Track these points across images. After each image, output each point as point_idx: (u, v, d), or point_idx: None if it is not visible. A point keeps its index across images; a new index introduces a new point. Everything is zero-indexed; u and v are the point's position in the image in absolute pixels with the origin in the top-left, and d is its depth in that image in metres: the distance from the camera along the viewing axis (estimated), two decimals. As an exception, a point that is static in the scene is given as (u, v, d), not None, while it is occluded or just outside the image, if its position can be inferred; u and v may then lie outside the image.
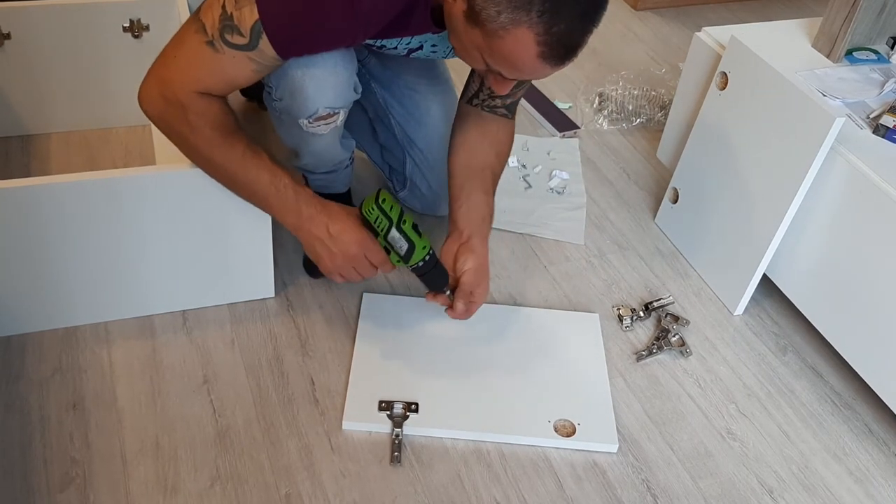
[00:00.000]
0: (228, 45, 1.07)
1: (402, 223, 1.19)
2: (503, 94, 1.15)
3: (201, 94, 1.11)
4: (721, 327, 1.51)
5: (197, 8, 1.10)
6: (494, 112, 1.37)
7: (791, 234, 1.41)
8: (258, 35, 1.06)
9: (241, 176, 1.17)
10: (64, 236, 1.23)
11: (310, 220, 1.19)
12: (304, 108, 1.24)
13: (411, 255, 1.20)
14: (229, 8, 1.05)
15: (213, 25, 1.07)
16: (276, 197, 1.18)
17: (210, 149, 1.14)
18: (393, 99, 1.52)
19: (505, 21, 0.96)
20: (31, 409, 1.23)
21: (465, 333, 1.40)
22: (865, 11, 1.43)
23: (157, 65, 1.12)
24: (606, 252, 1.65)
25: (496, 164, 1.38)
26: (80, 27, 1.62)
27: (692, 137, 1.58)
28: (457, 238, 1.30)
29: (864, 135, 1.35)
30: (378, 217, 1.18)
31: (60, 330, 1.34)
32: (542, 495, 1.20)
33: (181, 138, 1.14)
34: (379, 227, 1.19)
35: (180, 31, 1.11)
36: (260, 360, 1.34)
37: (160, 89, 1.11)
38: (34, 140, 1.74)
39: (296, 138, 1.35)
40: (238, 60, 1.08)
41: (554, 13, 0.94)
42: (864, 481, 1.28)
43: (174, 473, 1.17)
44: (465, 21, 1.00)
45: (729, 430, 1.33)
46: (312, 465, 1.20)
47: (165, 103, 1.11)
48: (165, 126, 1.14)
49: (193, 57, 1.09)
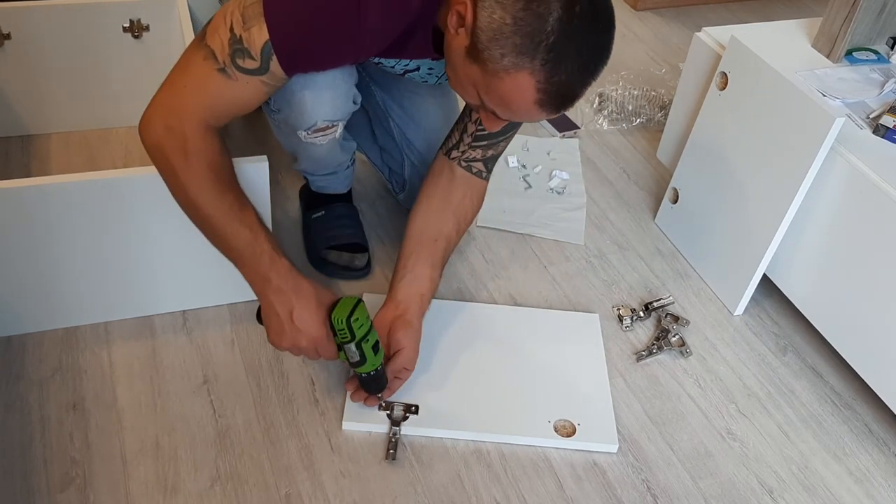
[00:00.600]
0: (241, 70, 1.04)
1: (364, 342, 1.15)
2: (493, 131, 1.13)
3: (206, 129, 1.07)
4: (721, 327, 1.51)
5: (201, 31, 1.07)
6: (470, 169, 1.33)
7: (791, 235, 1.41)
8: (268, 57, 1.03)
9: (221, 226, 1.10)
10: (64, 236, 1.23)
11: (276, 293, 1.12)
12: (303, 121, 1.23)
13: (359, 366, 1.18)
14: (237, 30, 1.03)
15: (224, 51, 1.03)
16: (251, 258, 1.11)
17: (199, 189, 1.08)
18: (392, 101, 1.52)
19: (507, 64, 0.95)
20: (31, 409, 1.23)
21: (466, 334, 1.40)
22: (865, 11, 1.43)
23: (163, 93, 1.07)
24: (606, 252, 1.65)
25: (453, 235, 1.34)
26: (81, 27, 1.62)
27: (692, 138, 1.58)
28: (392, 308, 1.27)
29: (864, 135, 1.35)
30: (343, 329, 1.13)
31: (60, 330, 1.34)
32: (542, 495, 1.20)
33: (172, 172, 1.08)
34: (340, 336, 1.14)
35: (186, 59, 1.07)
36: (260, 361, 1.34)
37: (165, 118, 1.06)
38: (34, 140, 1.74)
39: (294, 146, 1.35)
40: (251, 85, 1.06)
41: (556, 63, 0.94)
42: (864, 481, 1.28)
43: (174, 473, 1.17)
44: (466, 56, 0.99)
45: (729, 430, 1.33)
46: (312, 466, 1.20)
47: (166, 132, 1.06)
48: (160, 156, 1.08)
49: (204, 85, 1.05)
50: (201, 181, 1.08)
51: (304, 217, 1.58)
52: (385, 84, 1.50)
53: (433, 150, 1.52)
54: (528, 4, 0.92)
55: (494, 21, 0.94)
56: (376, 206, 1.68)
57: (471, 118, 1.31)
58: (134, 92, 1.74)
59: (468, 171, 1.34)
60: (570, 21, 0.92)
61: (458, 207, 1.35)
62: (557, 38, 0.92)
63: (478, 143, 1.32)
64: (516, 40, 0.93)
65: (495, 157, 1.35)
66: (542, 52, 0.93)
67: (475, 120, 1.30)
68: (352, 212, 1.57)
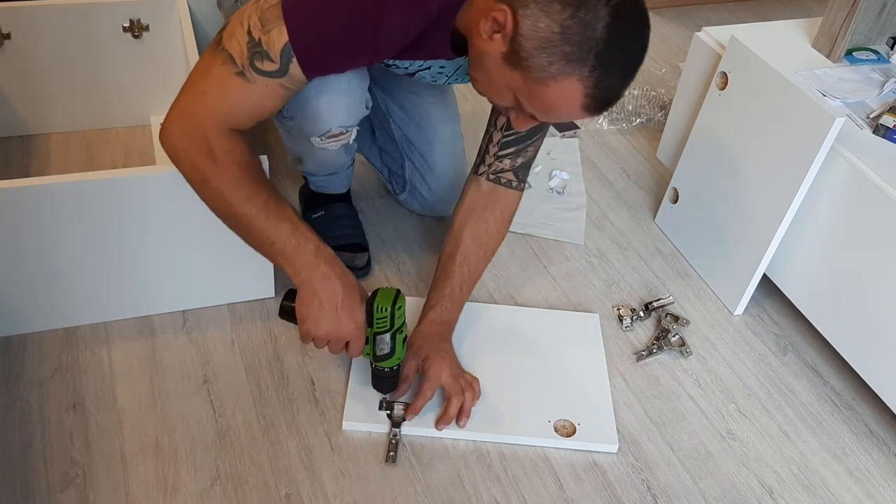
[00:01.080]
0: (260, 72, 1.03)
1: (399, 332, 1.17)
2: (522, 129, 1.13)
3: (230, 132, 1.06)
4: (721, 327, 1.51)
5: (216, 37, 1.06)
6: (499, 180, 1.32)
7: (791, 235, 1.41)
8: (288, 59, 1.02)
9: (259, 223, 1.09)
10: (64, 236, 1.23)
11: (324, 279, 1.12)
12: (317, 128, 1.23)
13: (384, 360, 1.18)
14: (256, 34, 1.02)
15: (242, 54, 1.02)
16: (295, 249, 1.11)
17: (233, 189, 1.07)
18: (394, 103, 1.52)
19: (555, 72, 0.94)
20: (31, 409, 1.23)
21: (466, 334, 1.39)
22: (865, 11, 1.43)
23: (182, 100, 1.06)
24: (606, 252, 1.65)
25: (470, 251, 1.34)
26: (80, 27, 1.62)
27: (692, 137, 1.58)
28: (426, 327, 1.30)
29: (865, 135, 1.35)
30: (384, 318, 1.15)
31: (60, 330, 1.34)
32: (542, 495, 1.20)
33: (203, 179, 1.07)
34: (379, 325, 1.15)
35: (204, 64, 1.06)
36: (260, 361, 1.34)
37: (185, 126, 1.05)
38: (34, 140, 1.74)
39: (303, 150, 1.34)
40: (270, 88, 1.05)
41: (605, 68, 0.94)
42: (864, 481, 1.28)
43: (174, 473, 1.17)
44: (503, 61, 0.98)
45: (729, 430, 1.33)
46: (312, 466, 1.20)
47: (189, 141, 1.05)
48: (187, 164, 1.07)
49: (224, 90, 1.04)
50: (234, 181, 1.07)
51: (303, 217, 1.58)
52: (386, 86, 1.50)
53: (435, 151, 1.53)
54: (575, 12, 0.91)
55: (540, 30, 0.93)
56: (376, 205, 1.68)
57: (496, 127, 1.30)
58: (134, 92, 1.75)
59: (496, 182, 1.33)
60: (616, 27, 0.92)
61: (479, 224, 1.34)
62: (606, 45, 0.92)
63: (505, 152, 1.31)
64: (565, 49, 0.92)
65: (526, 166, 1.34)
66: (591, 59, 0.93)
67: (500, 127, 1.29)
68: (351, 212, 1.58)
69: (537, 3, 0.92)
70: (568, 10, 0.91)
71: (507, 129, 1.29)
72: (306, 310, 1.14)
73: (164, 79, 1.73)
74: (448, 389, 1.25)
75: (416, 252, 1.59)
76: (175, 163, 1.08)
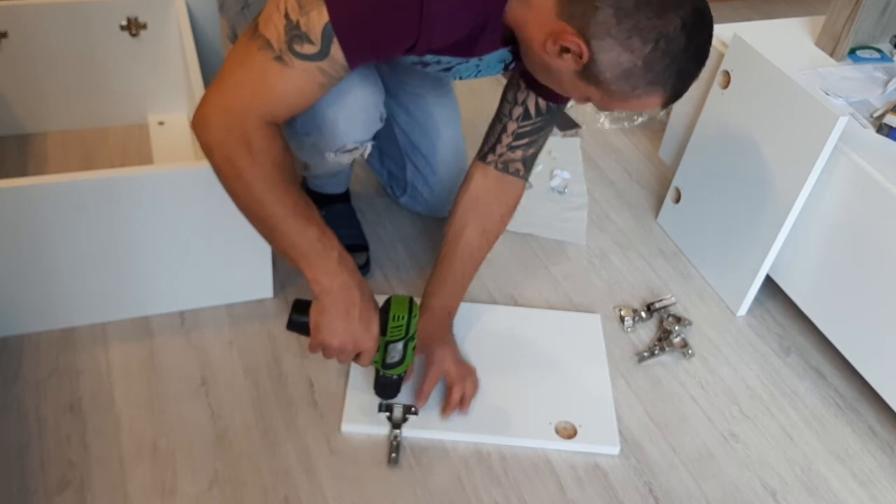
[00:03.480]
0: (298, 56, 0.99)
1: (411, 340, 1.16)
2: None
3: (267, 125, 1.02)
4: (724, 328, 1.50)
5: (251, 25, 1.02)
6: (507, 169, 1.31)
7: (794, 235, 1.40)
8: (329, 40, 0.98)
9: (287, 224, 1.05)
10: (60, 236, 1.22)
11: (344, 289, 1.10)
12: (334, 143, 1.22)
13: (393, 367, 1.17)
14: (294, 16, 0.98)
15: (280, 38, 0.98)
16: (319, 254, 1.08)
17: (266, 188, 1.03)
18: (398, 107, 1.51)
19: (639, 93, 0.96)
20: (28, 411, 1.22)
21: (466, 335, 1.39)
22: (869, 10, 1.43)
23: (216, 89, 1.02)
24: (608, 252, 1.64)
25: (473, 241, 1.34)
26: (78, 26, 1.61)
27: (694, 137, 1.57)
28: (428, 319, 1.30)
29: (868, 134, 1.34)
30: (400, 326, 1.14)
31: (57, 331, 1.34)
32: (543, 498, 1.20)
33: (236, 173, 1.03)
34: (393, 334, 1.14)
35: (239, 51, 1.02)
36: (258, 362, 1.33)
37: (223, 118, 1.01)
38: (31, 139, 1.73)
39: (314, 161, 1.33)
40: (309, 73, 1.01)
41: (682, 78, 0.96)
42: (867, 484, 1.27)
43: (172, 476, 1.16)
44: (577, 76, 0.98)
45: (732, 431, 1.33)
46: (311, 468, 1.20)
47: (227, 132, 1.01)
48: (222, 157, 1.02)
49: (261, 76, 1.00)
50: (268, 180, 1.03)
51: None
52: (391, 89, 1.48)
53: (438, 153, 1.52)
54: (656, 45, 0.91)
55: (622, 63, 0.93)
56: (375, 205, 1.67)
57: (511, 117, 1.28)
58: (131, 91, 1.74)
59: (504, 171, 1.31)
60: (691, 42, 0.93)
61: (484, 212, 1.32)
62: (685, 60, 0.94)
63: (518, 143, 1.29)
64: (649, 77, 0.94)
65: (534, 156, 1.33)
66: (672, 76, 0.95)
67: (516, 118, 1.27)
68: (350, 212, 1.57)
69: (614, 38, 0.92)
70: (649, 45, 0.91)
71: (524, 120, 1.27)
72: (324, 319, 1.11)
73: (162, 77, 1.72)
74: (450, 376, 1.26)
75: (416, 252, 1.58)
76: (208, 154, 1.04)
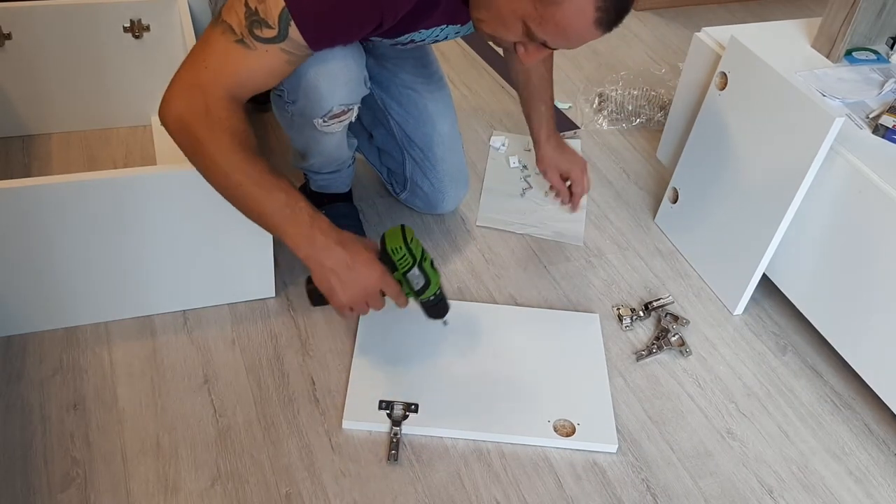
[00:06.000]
0: (259, 39, 1.04)
1: (423, 261, 1.17)
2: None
3: (230, 99, 1.06)
4: (721, 327, 1.51)
5: (217, 13, 1.07)
6: None
7: (791, 234, 1.41)
8: (286, 23, 1.03)
9: (254, 192, 1.07)
10: (64, 236, 1.23)
11: (325, 250, 1.10)
12: (319, 108, 1.24)
13: (424, 291, 1.19)
14: (253, 3, 1.03)
15: (240, 24, 1.04)
16: (291, 220, 1.09)
17: (226, 155, 1.05)
18: (391, 100, 1.52)
19: None
20: (31, 409, 1.23)
21: (466, 333, 1.40)
22: (865, 11, 1.44)
23: (183, 71, 1.06)
24: (606, 252, 1.65)
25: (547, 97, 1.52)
26: (81, 27, 1.62)
27: (692, 137, 1.58)
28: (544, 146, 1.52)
29: (864, 135, 1.35)
30: (404, 255, 1.15)
31: (61, 330, 1.35)
32: (541, 495, 1.21)
33: (196, 141, 1.06)
34: (402, 264, 1.15)
35: (204, 36, 1.07)
36: (260, 360, 1.34)
37: (185, 93, 1.05)
38: (35, 140, 1.74)
39: (307, 139, 1.35)
40: (271, 54, 1.05)
41: None
42: (863, 481, 1.28)
43: (175, 473, 1.17)
44: None
45: (729, 429, 1.33)
46: (313, 465, 1.21)
47: (186, 106, 1.05)
48: (182, 130, 1.06)
49: (224, 57, 1.05)
50: (228, 147, 1.05)
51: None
52: (383, 82, 1.50)
53: (434, 145, 1.53)
54: None
55: None
56: (376, 205, 1.68)
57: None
58: (134, 92, 1.75)
59: None
60: None
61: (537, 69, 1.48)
62: None
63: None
64: None
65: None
66: None
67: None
68: (353, 211, 1.58)
69: None
70: None
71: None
72: (326, 285, 1.13)
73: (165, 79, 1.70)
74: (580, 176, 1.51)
75: (417, 252, 1.59)
76: (171, 132, 1.07)
